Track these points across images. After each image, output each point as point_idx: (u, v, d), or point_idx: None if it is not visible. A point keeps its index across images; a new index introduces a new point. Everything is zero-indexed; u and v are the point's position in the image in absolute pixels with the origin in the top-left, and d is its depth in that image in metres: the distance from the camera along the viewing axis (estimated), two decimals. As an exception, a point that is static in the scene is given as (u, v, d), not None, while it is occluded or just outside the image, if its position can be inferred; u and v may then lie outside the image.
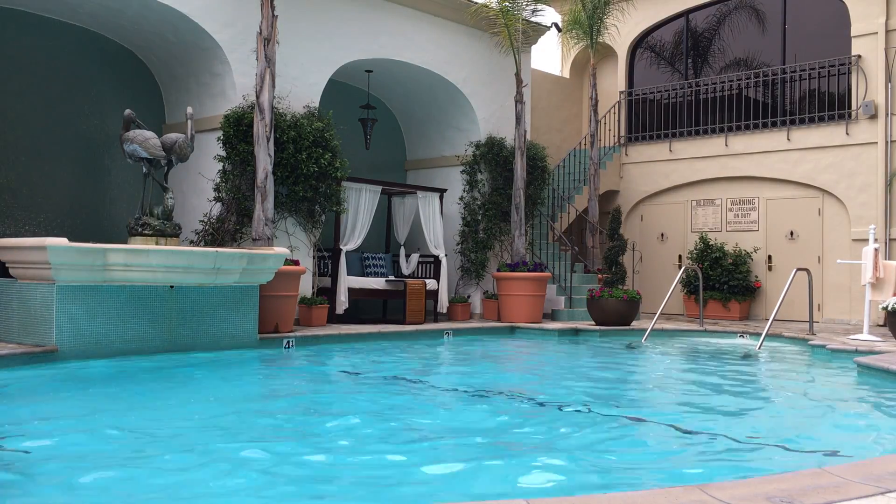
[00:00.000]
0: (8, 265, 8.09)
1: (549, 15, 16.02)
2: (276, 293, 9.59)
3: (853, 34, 14.11)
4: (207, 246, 9.93)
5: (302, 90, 11.31)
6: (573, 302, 13.83)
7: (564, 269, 14.40)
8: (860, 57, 14.01)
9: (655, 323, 11.61)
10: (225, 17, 10.54)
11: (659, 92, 16.96)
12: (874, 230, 10.99)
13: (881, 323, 12.83)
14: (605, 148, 16.81)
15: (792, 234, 14.81)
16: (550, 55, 28.96)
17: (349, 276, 11.98)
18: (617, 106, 17.27)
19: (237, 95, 10.65)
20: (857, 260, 11.85)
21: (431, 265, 13.15)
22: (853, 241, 13.73)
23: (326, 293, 11.68)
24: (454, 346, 10.67)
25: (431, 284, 12.68)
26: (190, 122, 9.15)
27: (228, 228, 10.36)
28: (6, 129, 10.31)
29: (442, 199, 13.23)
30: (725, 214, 15.65)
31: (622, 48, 17.34)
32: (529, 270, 12.71)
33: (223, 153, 10.41)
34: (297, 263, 10.27)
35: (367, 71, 12.98)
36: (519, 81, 13.25)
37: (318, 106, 11.43)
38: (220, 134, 10.44)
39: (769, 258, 15.06)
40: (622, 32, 16.80)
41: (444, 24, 13.25)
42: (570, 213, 15.78)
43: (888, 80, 13.65)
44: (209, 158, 10.55)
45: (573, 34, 15.46)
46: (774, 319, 10.58)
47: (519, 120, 13.26)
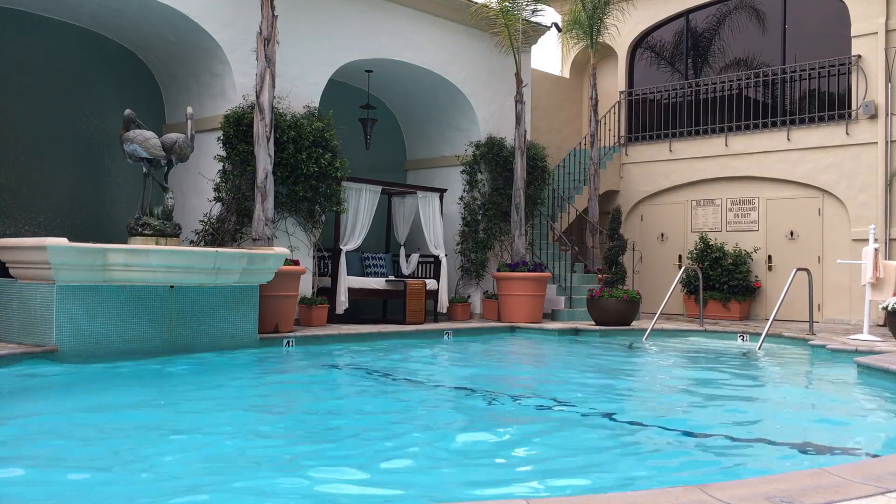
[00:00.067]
0: (8, 265, 8.09)
1: (549, 15, 16.03)
2: (276, 293, 9.60)
3: (853, 34, 14.11)
4: (207, 246, 9.93)
5: (302, 90, 11.31)
6: (573, 302, 13.83)
7: (564, 269, 14.40)
8: (860, 57, 14.01)
9: (655, 323, 11.61)
10: (225, 17, 10.55)
11: (659, 92, 16.96)
12: (874, 230, 10.99)
13: (881, 323, 12.83)
14: (605, 148, 16.81)
15: (792, 234, 14.81)
16: (550, 55, 28.97)
17: (349, 276, 11.99)
18: (617, 106, 17.27)
19: (237, 95, 10.65)
20: (857, 260, 11.84)
21: (431, 265, 13.15)
22: (853, 241, 13.73)
23: (326, 293, 11.69)
24: (454, 346, 10.67)
25: (431, 284, 12.68)
26: (190, 122, 9.15)
27: (228, 228, 10.36)
28: (6, 129, 10.31)
29: (442, 199, 13.23)
30: (725, 214, 15.65)
31: (622, 48, 17.34)
32: (529, 270, 12.71)
33: (223, 153, 10.41)
34: (297, 263, 10.27)
35: (367, 71, 12.98)
36: (519, 81, 13.25)
37: (318, 106, 11.43)
38: (220, 134, 10.44)
39: (769, 258, 15.06)
40: (622, 32, 16.80)
41: (444, 24, 13.25)
42: (570, 213, 15.78)
43: (888, 80, 13.65)
44: (209, 158, 10.55)
45: (573, 34, 15.47)
46: (774, 319, 10.58)
47: (519, 120, 13.26)
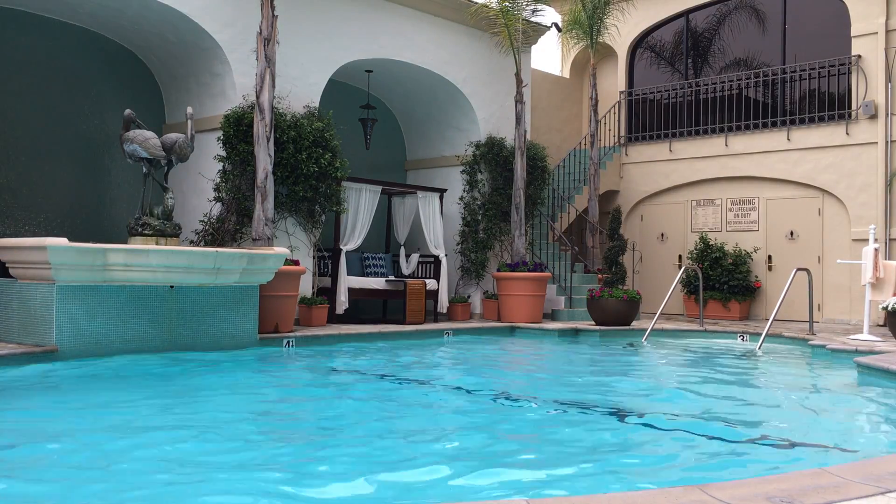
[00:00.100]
0: (8, 265, 8.09)
1: (549, 15, 16.02)
2: (276, 293, 9.60)
3: (853, 34, 14.10)
4: (207, 246, 9.93)
5: (302, 90, 11.31)
6: (573, 302, 13.83)
7: (564, 269, 14.40)
8: (860, 57, 14.00)
9: (655, 323, 11.62)
10: (225, 17, 10.55)
11: (659, 92, 16.95)
12: (874, 230, 10.98)
13: (881, 323, 12.82)
14: (605, 148, 16.81)
15: (792, 234, 14.81)
16: (550, 55, 28.95)
17: (349, 276, 11.98)
18: (617, 106, 17.27)
19: (237, 95, 10.65)
20: (857, 260, 11.84)
21: (431, 265, 13.15)
22: (853, 241, 13.73)
23: (326, 293, 11.68)
24: (454, 345, 10.67)
25: (431, 284, 12.68)
26: (190, 122, 9.15)
27: (228, 228, 10.36)
28: (6, 129, 10.31)
29: (442, 199, 13.23)
30: (725, 214, 15.65)
31: (622, 48, 17.33)
32: (529, 270, 12.71)
33: (223, 153, 10.41)
34: (297, 263, 10.27)
35: (367, 71, 12.98)
36: (519, 81, 13.25)
37: (318, 106, 11.43)
38: (220, 134, 10.44)
39: (769, 258, 15.06)
40: (622, 32, 16.79)
41: (444, 24, 13.25)
42: (570, 213, 15.77)
43: (888, 80, 13.65)
44: (209, 158, 10.55)
45: (573, 34, 15.46)
46: (774, 319, 10.58)
47: (519, 120, 13.26)
